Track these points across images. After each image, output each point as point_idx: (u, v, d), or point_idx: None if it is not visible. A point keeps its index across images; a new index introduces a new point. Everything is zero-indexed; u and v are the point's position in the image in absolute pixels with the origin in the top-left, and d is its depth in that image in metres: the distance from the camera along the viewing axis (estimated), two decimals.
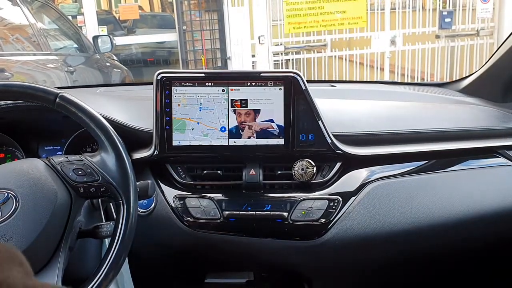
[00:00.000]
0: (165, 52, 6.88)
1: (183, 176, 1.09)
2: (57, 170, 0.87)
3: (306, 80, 1.05)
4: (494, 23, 5.37)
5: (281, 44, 5.21)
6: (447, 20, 5.30)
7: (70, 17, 5.19)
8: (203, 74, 1.06)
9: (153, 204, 1.05)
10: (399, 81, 5.13)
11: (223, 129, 1.05)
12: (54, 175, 0.85)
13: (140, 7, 10.41)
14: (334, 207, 1.04)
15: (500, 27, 5.32)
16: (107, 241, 1.01)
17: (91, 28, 5.14)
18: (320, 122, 1.05)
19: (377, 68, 5.42)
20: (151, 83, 1.05)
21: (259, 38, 5.05)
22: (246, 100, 1.05)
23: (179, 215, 1.04)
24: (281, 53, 5.24)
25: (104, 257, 0.81)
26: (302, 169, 1.05)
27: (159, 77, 1.04)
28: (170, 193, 1.07)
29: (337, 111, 1.20)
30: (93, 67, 4.31)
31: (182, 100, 1.05)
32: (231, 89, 1.05)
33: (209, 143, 1.05)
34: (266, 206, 1.05)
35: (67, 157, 0.91)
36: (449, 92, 1.52)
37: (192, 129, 1.05)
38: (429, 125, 1.17)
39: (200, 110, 1.05)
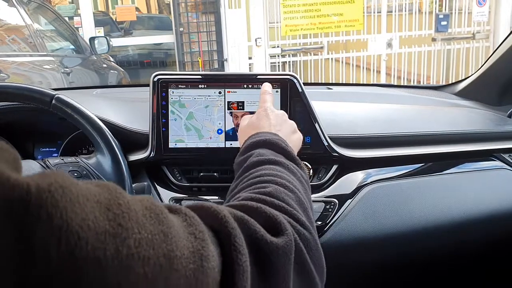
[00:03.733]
0: (162, 53, 6.88)
1: (179, 178, 1.08)
2: None
3: (303, 83, 1.05)
4: (490, 26, 5.41)
5: (278, 47, 5.22)
6: (443, 23, 5.33)
7: (66, 18, 5.19)
8: (199, 76, 1.06)
9: None
10: (396, 83, 5.14)
11: (219, 131, 1.05)
12: None
13: (137, 9, 10.42)
14: (330, 210, 1.03)
15: (496, 30, 5.35)
16: None
17: (87, 29, 5.13)
18: (316, 125, 1.05)
19: (373, 70, 5.44)
20: (148, 85, 1.05)
21: (256, 40, 5.06)
22: (243, 102, 1.05)
23: None
24: (278, 56, 5.25)
25: None
26: None
27: (155, 79, 1.04)
28: (166, 195, 1.06)
29: (334, 113, 1.20)
30: (89, 68, 4.31)
31: (179, 102, 1.05)
32: (227, 91, 1.05)
33: (205, 145, 1.05)
34: None
35: (62, 159, 0.91)
36: (445, 95, 1.53)
37: (189, 131, 1.05)
38: (425, 128, 1.18)
39: (196, 112, 1.05)
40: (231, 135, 1.05)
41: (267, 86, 0.87)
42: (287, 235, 0.46)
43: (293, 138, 0.77)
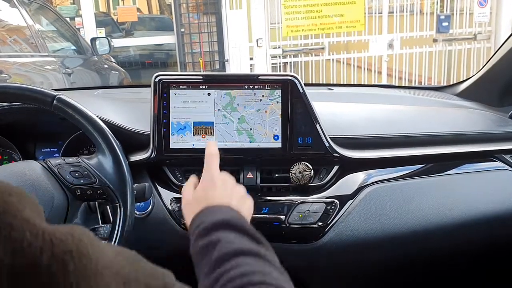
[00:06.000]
0: (163, 54, 6.88)
1: (180, 178, 1.08)
2: (54, 172, 0.87)
3: (304, 83, 1.05)
4: (491, 27, 5.40)
5: (279, 47, 5.21)
6: (445, 24, 5.32)
7: (68, 19, 5.19)
8: (201, 77, 1.06)
9: (150, 207, 1.05)
10: (397, 84, 5.14)
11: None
12: (51, 177, 0.85)
13: (139, 9, 10.42)
14: (331, 211, 1.03)
15: (497, 31, 5.34)
16: None
17: (89, 30, 5.14)
18: (317, 125, 1.05)
19: (374, 71, 5.43)
20: (149, 86, 1.05)
21: (257, 41, 5.05)
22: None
23: (176, 218, 1.04)
24: (279, 56, 5.24)
25: None
26: (300, 172, 1.05)
27: (157, 80, 1.04)
28: (167, 195, 1.06)
29: (335, 114, 1.20)
30: (91, 69, 4.31)
31: (180, 103, 1.05)
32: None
33: (206, 145, 1.05)
34: (263, 209, 1.04)
35: (64, 159, 0.91)
36: (446, 96, 1.53)
37: (190, 131, 1.05)
38: (426, 129, 1.18)
39: (197, 112, 1.05)
40: (232, 136, 1.05)
41: (212, 147, 0.79)
42: None
43: (245, 207, 0.72)
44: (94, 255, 0.30)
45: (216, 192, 0.70)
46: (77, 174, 0.88)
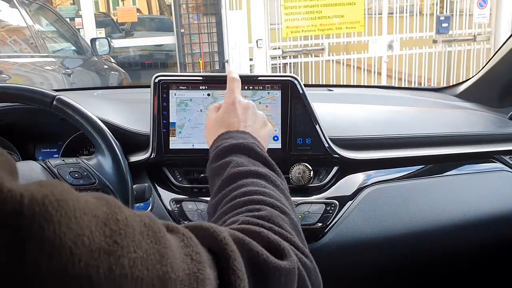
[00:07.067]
0: (163, 55, 6.88)
1: (180, 179, 1.08)
2: (54, 172, 0.87)
3: (304, 84, 1.05)
4: (491, 28, 5.41)
5: (279, 48, 5.21)
6: (444, 25, 5.33)
7: (68, 19, 5.20)
8: (200, 78, 1.06)
9: (150, 208, 1.05)
10: (396, 85, 5.14)
11: None
12: (51, 178, 0.85)
13: (138, 10, 10.43)
14: (331, 211, 1.03)
15: (497, 32, 5.35)
16: None
17: (89, 30, 5.14)
18: (317, 126, 1.05)
19: (374, 72, 5.44)
20: (149, 86, 1.05)
21: (257, 41, 5.06)
22: None
23: (176, 218, 1.04)
24: (279, 57, 5.25)
25: None
26: (299, 173, 1.05)
27: (156, 80, 1.04)
28: (167, 196, 1.06)
29: (334, 115, 1.20)
30: (90, 69, 4.31)
31: (180, 104, 1.05)
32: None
33: (206, 146, 1.05)
34: None
35: (63, 160, 0.91)
36: (446, 97, 1.53)
37: (189, 132, 1.05)
38: (426, 129, 1.18)
39: (197, 113, 1.05)
40: None
41: (234, 73, 0.79)
42: (291, 261, 0.44)
43: (262, 134, 0.73)
44: (70, 198, 0.29)
45: (236, 116, 0.72)
46: (76, 175, 0.88)
